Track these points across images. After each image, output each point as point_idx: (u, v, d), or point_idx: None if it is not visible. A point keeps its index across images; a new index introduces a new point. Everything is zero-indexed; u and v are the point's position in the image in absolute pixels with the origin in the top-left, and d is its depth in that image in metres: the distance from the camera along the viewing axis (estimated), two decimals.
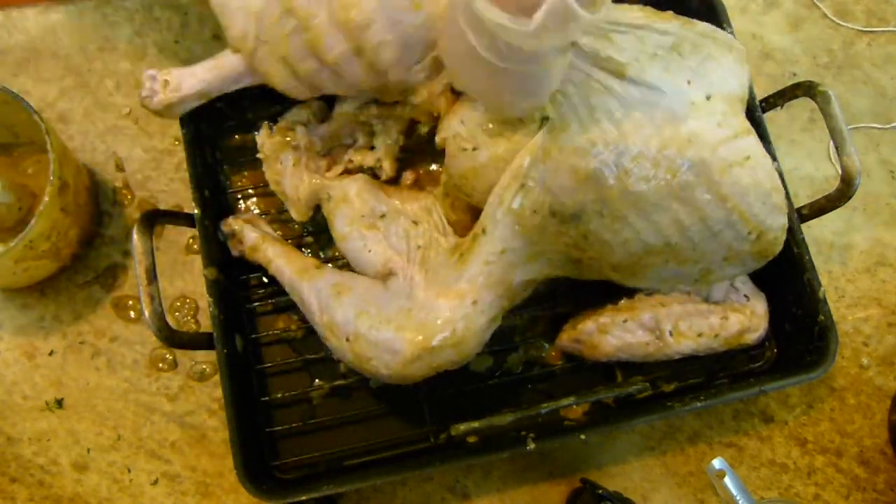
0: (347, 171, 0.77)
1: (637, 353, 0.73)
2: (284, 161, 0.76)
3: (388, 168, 0.76)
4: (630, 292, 0.74)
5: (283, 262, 0.73)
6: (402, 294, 0.67)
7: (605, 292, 0.74)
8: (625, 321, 0.72)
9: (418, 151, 0.78)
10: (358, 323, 0.66)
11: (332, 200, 0.74)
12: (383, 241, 0.71)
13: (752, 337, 0.73)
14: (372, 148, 0.77)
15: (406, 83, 0.69)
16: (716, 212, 0.63)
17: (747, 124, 0.65)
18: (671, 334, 0.72)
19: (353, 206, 0.72)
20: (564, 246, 0.66)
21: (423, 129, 0.78)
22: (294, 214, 0.77)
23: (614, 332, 0.72)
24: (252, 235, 0.75)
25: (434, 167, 0.79)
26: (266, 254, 0.74)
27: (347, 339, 0.66)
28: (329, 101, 0.78)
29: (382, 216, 0.71)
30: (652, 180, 0.61)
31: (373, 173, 0.77)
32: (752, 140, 0.64)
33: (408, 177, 0.78)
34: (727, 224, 0.64)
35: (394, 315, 0.65)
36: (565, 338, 0.75)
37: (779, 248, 0.69)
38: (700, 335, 0.72)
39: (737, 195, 0.63)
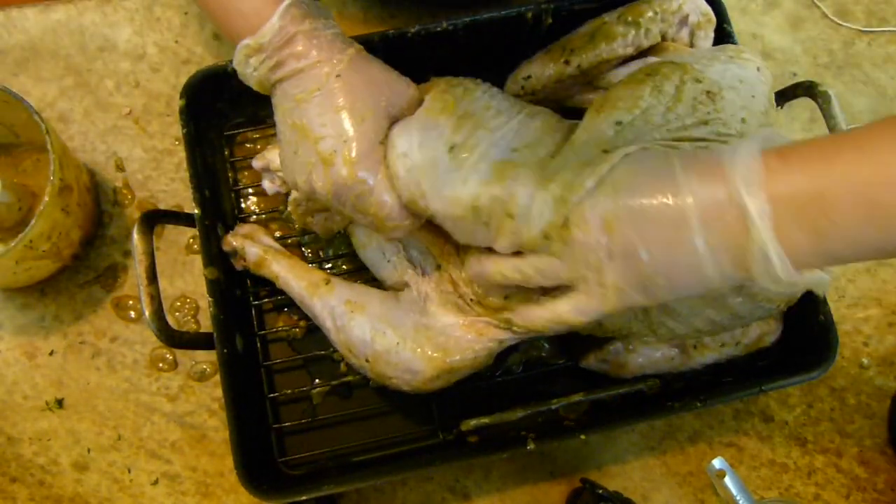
0: None
1: (662, 367, 0.73)
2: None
3: None
4: None
5: (291, 276, 0.73)
6: (416, 308, 0.67)
7: None
8: (649, 339, 0.71)
9: None
10: (375, 345, 0.66)
11: None
12: (402, 252, 0.70)
13: (770, 339, 0.73)
14: None
15: None
16: (745, 307, 0.64)
17: None
18: (695, 348, 0.72)
19: None
20: None
21: None
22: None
23: (641, 351, 0.72)
24: (254, 251, 0.74)
25: None
26: (271, 269, 0.74)
27: (367, 360, 0.67)
28: None
29: None
30: (689, 298, 0.62)
31: None
32: None
33: None
34: (756, 308, 0.66)
35: (411, 333, 0.66)
36: (592, 359, 0.74)
37: (792, 303, 0.70)
38: (723, 345, 0.72)
39: (765, 290, 0.63)
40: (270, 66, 0.60)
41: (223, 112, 0.80)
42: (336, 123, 0.59)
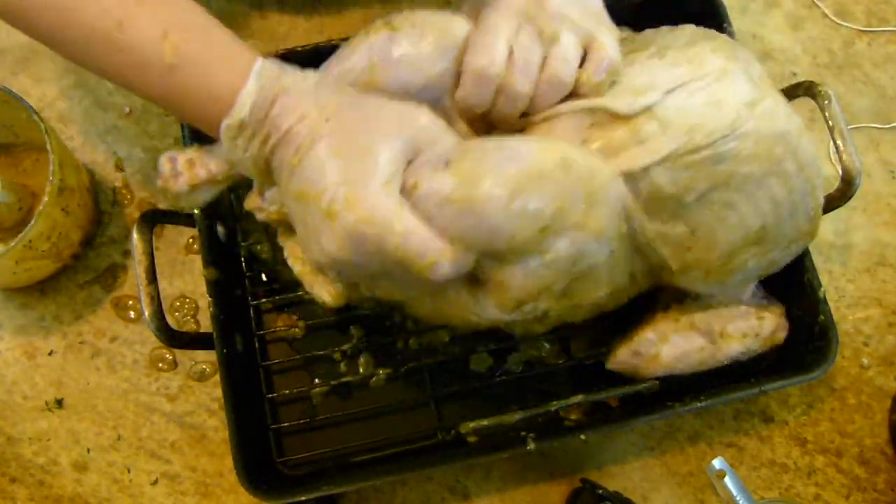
0: None
1: (693, 360, 0.70)
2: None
3: None
4: (672, 298, 0.72)
5: None
6: None
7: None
8: (680, 326, 0.70)
9: None
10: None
11: None
12: None
13: (781, 336, 0.72)
14: None
15: None
16: (798, 182, 0.61)
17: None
18: (721, 336, 0.70)
19: None
20: (666, 248, 0.63)
21: None
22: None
23: (672, 340, 0.70)
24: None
25: None
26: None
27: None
28: None
29: None
30: (755, 160, 0.59)
31: None
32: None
33: None
34: (804, 195, 0.62)
35: None
36: (623, 352, 0.71)
37: (816, 233, 0.67)
38: (745, 336, 0.70)
39: (809, 164, 0.61)
40: (260, 140, 0.53)
41: None
42: (335, 170, 0.50)
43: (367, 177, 0.49)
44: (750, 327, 0.71)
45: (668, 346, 0.70)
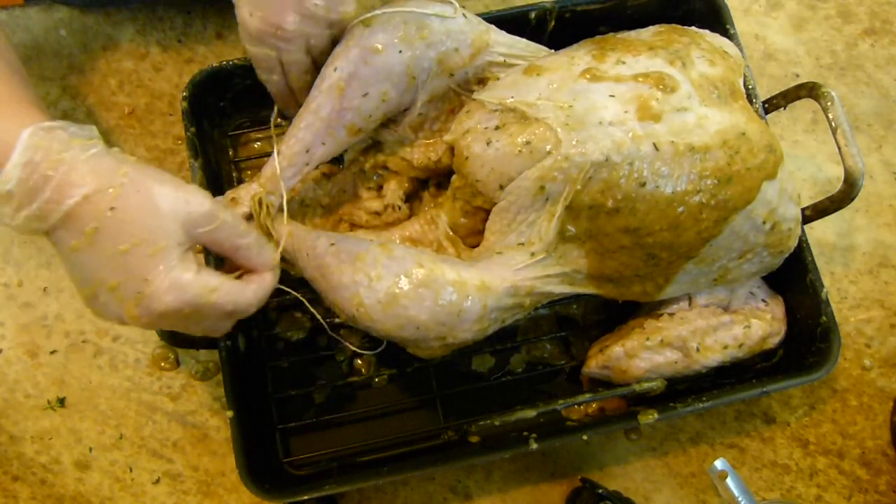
0: (353, 225, 0.75)
1: (666, 371, 0.72)
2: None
3: (402, 209, 0.74)
4: (650, 313, 0.73)
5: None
6: None
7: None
8: (651, 343, 0.71)
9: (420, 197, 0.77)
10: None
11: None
12: None
13: (774, 341, 0.73)
14: (380, 188, 0.75)
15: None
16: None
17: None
18: (698, 350, 0.71)
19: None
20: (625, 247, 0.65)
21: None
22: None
23: (642, 356, 0.71)
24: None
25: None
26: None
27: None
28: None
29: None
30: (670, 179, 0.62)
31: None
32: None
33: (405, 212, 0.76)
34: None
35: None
36: (593, 364, 0.74)
37: (793, 241, 0.69)
38: (726, 347, 0.71)
39: None
40: (31, 216, 0.50)
41: (226, 112, 0.80)
42: (125, 267, 0.52)
43: (159, 262, 0.53)
44: (733, 337, 0.71)
45: (637, 360, 0.72)
